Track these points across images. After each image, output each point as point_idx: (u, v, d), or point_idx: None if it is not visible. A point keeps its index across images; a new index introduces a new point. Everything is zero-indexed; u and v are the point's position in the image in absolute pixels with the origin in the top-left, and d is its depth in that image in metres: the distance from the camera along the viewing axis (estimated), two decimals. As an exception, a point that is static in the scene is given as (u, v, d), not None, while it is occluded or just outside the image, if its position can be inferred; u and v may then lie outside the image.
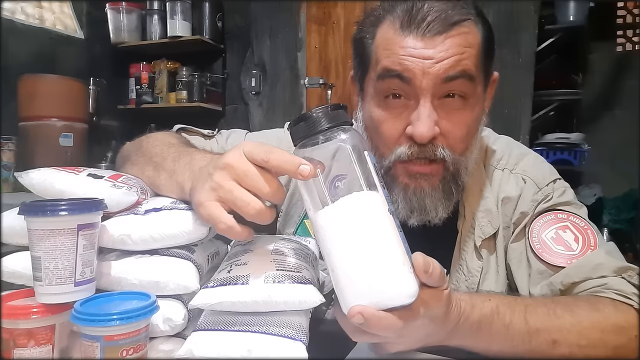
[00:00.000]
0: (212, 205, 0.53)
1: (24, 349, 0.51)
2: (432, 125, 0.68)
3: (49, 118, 2.17)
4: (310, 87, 2.74)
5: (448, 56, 0.68)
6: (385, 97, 0.72)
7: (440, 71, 0.68)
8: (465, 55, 0.69)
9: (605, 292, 0.68)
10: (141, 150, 0.77)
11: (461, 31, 0.69)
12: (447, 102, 0.70)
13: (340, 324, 0.52)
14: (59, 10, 2.65)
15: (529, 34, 2.24)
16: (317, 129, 0.51)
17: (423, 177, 0.72)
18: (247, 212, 0.52)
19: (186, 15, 2.76)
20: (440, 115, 0.70)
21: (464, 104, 0.71)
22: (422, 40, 0.68)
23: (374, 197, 0.50)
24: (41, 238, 0.51)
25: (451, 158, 0.72)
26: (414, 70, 0.68)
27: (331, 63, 2.76)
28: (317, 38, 2.78)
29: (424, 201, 0.73)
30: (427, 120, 0.68)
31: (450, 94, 0.70)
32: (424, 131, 0.68)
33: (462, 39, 0.69)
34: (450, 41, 0.68)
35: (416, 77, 0.68)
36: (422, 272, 0.48)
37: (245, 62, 2.88)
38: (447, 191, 0.74)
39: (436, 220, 0.75)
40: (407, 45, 0.69)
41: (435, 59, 0.68)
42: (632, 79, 2.37)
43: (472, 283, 0.79)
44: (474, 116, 0.73)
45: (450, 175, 0.74)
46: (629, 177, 2.21)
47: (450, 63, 0.68)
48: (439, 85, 0.68)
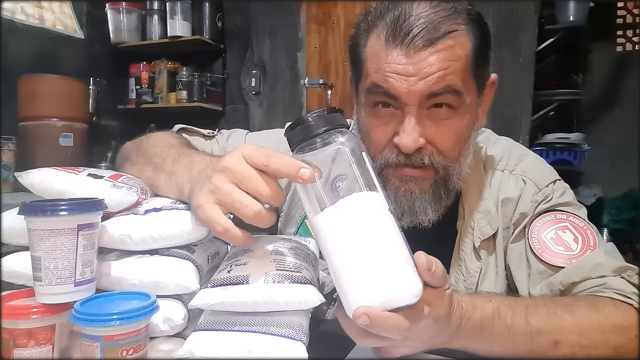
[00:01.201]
0: (210, 208, 0.53)
1: (24, 349, 0.51)
2: (417, 138, 0.69)
3: (49, 118, 2.18)
4: (310, 87, 2.74)
5: (432, 72, 0.67)
6: (375, 105, 0.73)
7: (424, 88, 0.68)
8: (450, 70, 0.68)
9: (605, 291, 0.68)
10: (141, 151, 0.77)
11: (447, 44, 0.68)
12: (435, 112, 0.71)
13: (343, 328, 0.51)
14: (59, 10, 2.65)
15: (529, 34, 2.23)
16: (314, 132, 0.51)
17: (413, 180, 0.73)
18: (246, 214, 0.52)
19: (186, 15, 2.76)
20: (427, 124, 0.71)
21: (452, 113, 0.71)
22: (407, 56, 0.68)
23: (374, 197, 0.50)
24: (41, 238, 0.51)
25: (441, 164, 0.72)
26: (398, 89, 0.69)
27: (331, 63, 2.76)
28: (317, 38, 2.78)
29: (414, 204, 0.74)
30: (411, 132, 0.69)
31: (438, 104, 0.70)
32: (408, 143, 0.69)
33: (448, 53, 0.68)
34: (435, 56, 0.67)
35: (401, 95, 0.69)
36: (425, 270, 0.48)
37: (245, 62, 2.88)
38: (437, 195, 0.75)
39: (426, 222, 0.75)
40: (392, 60, 0.69)
41: (419, 76, 0.68)
42: (632, 79, 2.37)
43: (471, 283, 0.80)
44: (462, 124, 0.73)
45: (441, 179, 0.74)
46: (629, 177, 2.21)
47: (433, 80, 0.68)
48: (424, 100, 0.69)
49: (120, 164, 0.82)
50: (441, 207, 0.76)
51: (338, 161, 0.52)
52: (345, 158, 0.51)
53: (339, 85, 2.74)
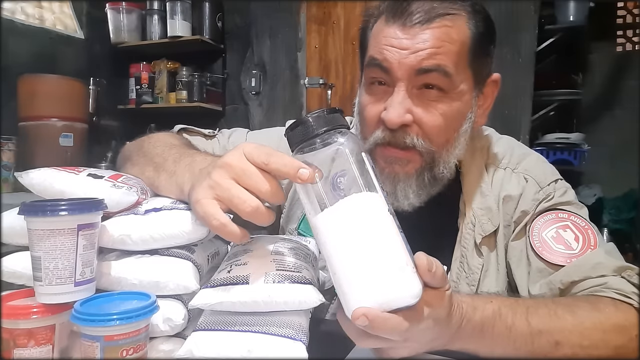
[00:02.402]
0: (208, 203, 0.53)
1: (24, 349, 0.51)
2: (402, 112, 0.70)
3: (49, 118, 2.18)
4: (310, 87, 2.74)
5: (424, 48, 0.69)
6: (371, 83, 0.75)
7: (414, 62, 0.69)
8: (442, 49, 0.69)
9: (605, 291, 0.68)
10: (142, 151, 0.77)
11: (443, 24, 0.70)
12: (425, 93, 0.72)
13: (343, 329, 0.51)
14: (59, 10, 2.65)
15: (529, 34, 2.24)
16: (314, 133, 0.51)
17: (397, 162, 0.74)
18: (244, 209, 0.51)
19: (186, 15, 2.76)
20: (416, 104, 0.71)
21: (442, 96, 0.72)
22: (403, 30, 0.70)
23: (373, 198, 0.49)
24: (41, 238, 0.51)
25: (425, 148, 0.73)
26: (390, 60, 0.70)
27: (331, 63, 2.76)
28: (317, 38, 2.78)
29: (396, 187, 0.74)
30: (397, 106, 0.70)
31: (429, 85, 0.71)
32: (393, 117, 0.70)
33: (443, 33, 0.70)
34: (430, 33, 0.69)
35: (393, 67, 0.70)
36: (425, 271, 0.48)
37: (245, 62, 2.88)
38: (421, 181, 0.75)
39: (406, 206, 0.75)
40: (389, 35, 0.71)
41: (410, 50, 0.69)
42: (632, 79, 2.37)
43: (473, 280, 0.79)
44: (452, 110, 0.73)
45: (427, 165, 0.74)
46: (629, 177, 2.21)
47: (424, 55, 0.69)
48: (414, 76, 0.70)
49: (121, 164, 0.82)
50: (424, 193, 0.76)
51: (338, 161, 0.52)
52: (345, 158, 0.51)
53: (339, 85, 2.74)
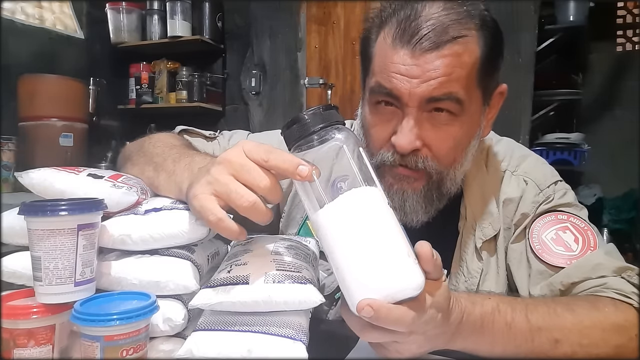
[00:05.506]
0: (205, 198, 0.53)
1: (24, 349, 0.51)
2: (413, 139, 0.70)
3: (49, 118, 2.18)
4: (310, 87, 2.74)
5: (435, 77, 0.67)
6: (377, 103, 0.74)
7: (425, 92, 0.68)
8: (454, 76, 0.68)
9: (605, 291, 0.68)
10: (142, 151, 0.77)
11: (454, 50, 0.67)
12: (435, 116, 0.71)
13: (348, 324, 0.51)
14: (59, 10, 2.65)
15: (529, 34, 2.23)
16: (310, 130, 0.51)
17: (406, 179, 0.73)
18: (241, 204, 0.51)
19: (186, 15, 2.76)
20: (426, 127, 0.71)
21: (453, 120, 0.71)
22: (412, 57, 0.68)
23: (373, 192, 0.50)
24: (41, 238, 0.51)
25: (435, 169, 0.73)
26: (401, 90, 0.69)
27: (331, 63, 2.76)
28: (317, 38, 2.78)
29: (405, 203, 0.74)
30: (408, 133, 0.69)
31: (439, 109, 0.70)
32: (404, 144, 0.70)
33: (454, 59, 0.68)
34: (441, 61, 0.67)
35: (403, 96, 0.69)
36: (429, 259, 0.49)
37: (245, 62, 2.88)
38: (429, 197, 0.75)
39: (414, 222, 0.75)
40: (397, 60, 0.69)
41: (421, 78, 0.67)
42: (632, 79, 2.37)
43: (472, 284, 0.80)
44: (462, 132, 0.72)
45: (434, 183, 0.74)
46: (629, 177, 2.21)
47: (435, 84, 0.67)
48: (425, 103, 0.69)
49: (122, 164, 0.82)
50: (432, 209, 0.76)
51: (336, 158, 0.52)
52: (343, 154, 0.51)
53: (339, 85, 2.73)
